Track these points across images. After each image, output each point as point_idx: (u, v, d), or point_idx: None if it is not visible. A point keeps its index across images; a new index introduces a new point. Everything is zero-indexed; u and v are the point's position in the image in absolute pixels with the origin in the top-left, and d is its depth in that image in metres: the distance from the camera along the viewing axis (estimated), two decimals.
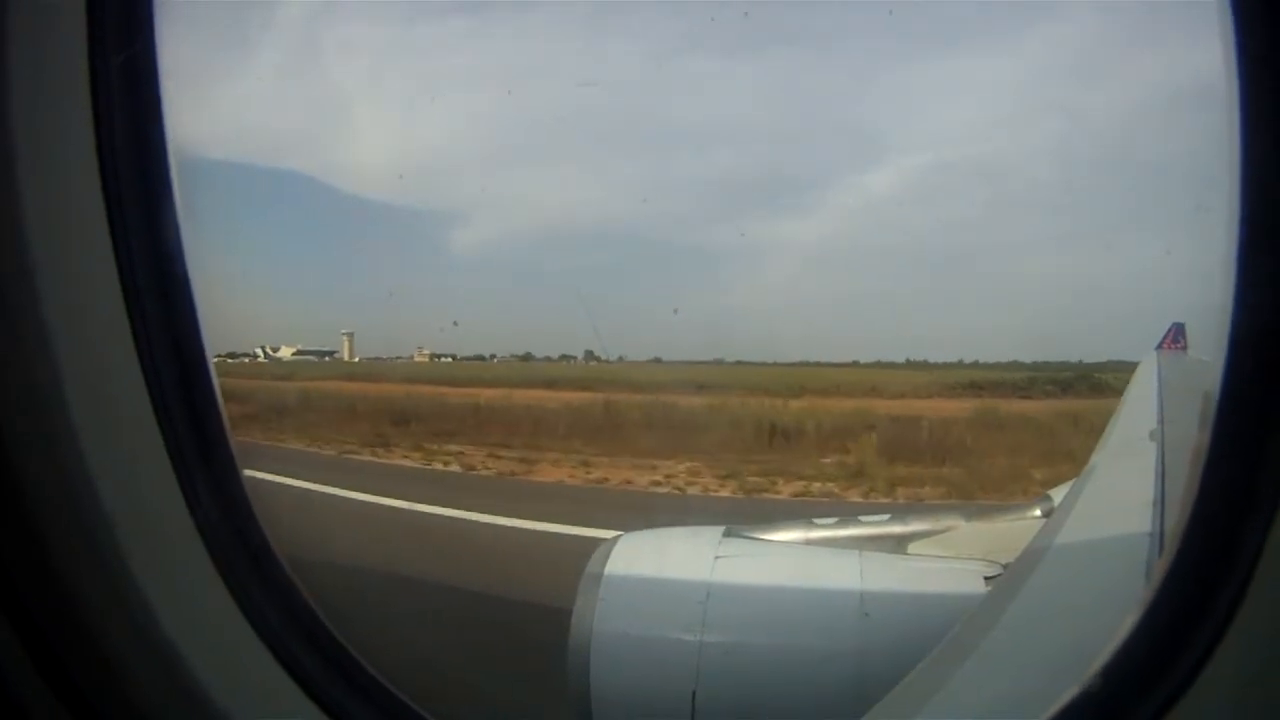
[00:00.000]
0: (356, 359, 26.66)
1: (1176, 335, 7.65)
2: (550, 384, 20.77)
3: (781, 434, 14.53)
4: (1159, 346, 7.51)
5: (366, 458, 13.90)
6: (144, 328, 0.91)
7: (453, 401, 18.34)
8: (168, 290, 0.94)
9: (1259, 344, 0.81)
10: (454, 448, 14.17)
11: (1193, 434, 0.92)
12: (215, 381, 0.99)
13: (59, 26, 0.86)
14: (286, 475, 9.61)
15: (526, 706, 3.83)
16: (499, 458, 13.55)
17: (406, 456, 13.90)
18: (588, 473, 12.58)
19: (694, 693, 2.21)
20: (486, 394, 19.15)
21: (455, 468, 13.08)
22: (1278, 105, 0.79)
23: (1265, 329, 0.81)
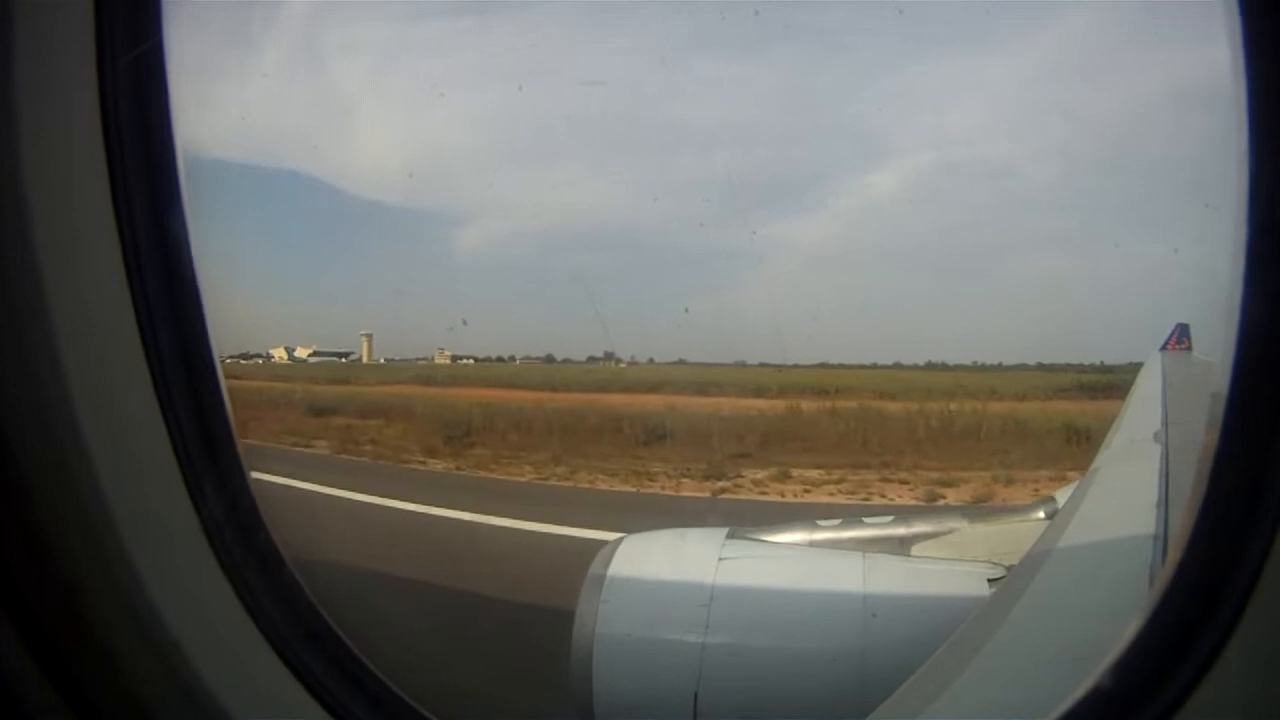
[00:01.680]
0: (381, 360, 26.48)
1: (1181, 336, 7.61)
2: (655, 388, 18.68)
3: (1082, 440, 13.28)
4: (1163, 347, 7.48)
5: (770, 496, 10.56)
6: (151, 327, 0.91)
7: (652, 411, 15.58)
8: (175, 289, 0.95)
9: (1266, 346, 0.81)
10: (807, 473, 11.30)
11: (1198, 435, 0.92)
12: (222, 380, 0.99)
13: (66, 26, 0.86)
14: None
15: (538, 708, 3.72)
16: (896, 481, 10.80)
17: (806, 490, 10.69)
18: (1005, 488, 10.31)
19: (696, 694, 2.21)
20: (633, 400, 16.98)
21: (908, 500, 10.19)
22: None
23: (1273, 330, 0.81)
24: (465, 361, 26.30)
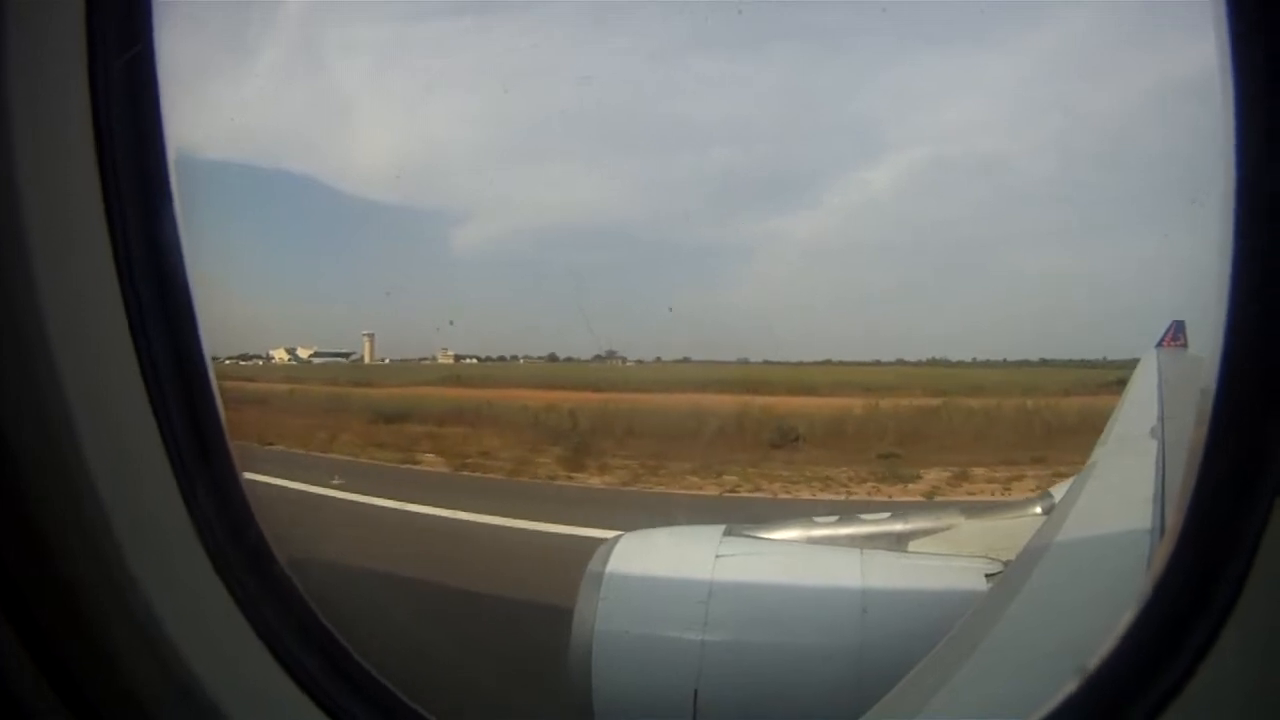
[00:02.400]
0: (385, 360, 26.28)
1: (1176, 333, 7.63)
2: (701, 387, 17.81)
3: None
4: (1159, 344, 7.50)
5: (981, 496, 10.03)
6: (143, 329, 0.91)
7: (744, 411, 14.67)
8: (167, 292, 0.95)
9: (1254, 341, 0.82)
10: (975, 471, 10.91)
11: (1192, 431, 0.92)
12: (214, 382, 0.99)
13: (58, 28, 0.86)
14: None
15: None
16: None
17: (1004, 489, 10.21)
18: None
19: (696, 691, 2.22)
20: (712, 400, 16.07)
21: None
22: (1273, 103, 0.79)
23: (1260, 326, 0.81)
24: (468, 361, 26.23)
